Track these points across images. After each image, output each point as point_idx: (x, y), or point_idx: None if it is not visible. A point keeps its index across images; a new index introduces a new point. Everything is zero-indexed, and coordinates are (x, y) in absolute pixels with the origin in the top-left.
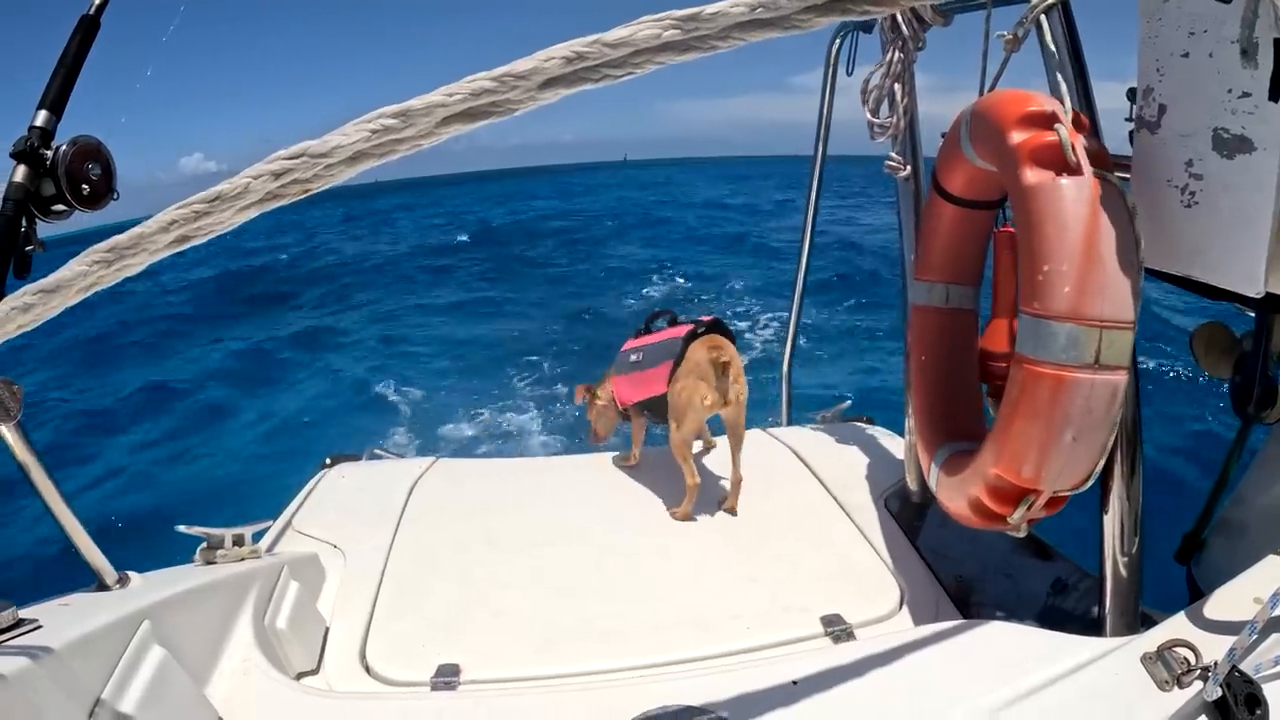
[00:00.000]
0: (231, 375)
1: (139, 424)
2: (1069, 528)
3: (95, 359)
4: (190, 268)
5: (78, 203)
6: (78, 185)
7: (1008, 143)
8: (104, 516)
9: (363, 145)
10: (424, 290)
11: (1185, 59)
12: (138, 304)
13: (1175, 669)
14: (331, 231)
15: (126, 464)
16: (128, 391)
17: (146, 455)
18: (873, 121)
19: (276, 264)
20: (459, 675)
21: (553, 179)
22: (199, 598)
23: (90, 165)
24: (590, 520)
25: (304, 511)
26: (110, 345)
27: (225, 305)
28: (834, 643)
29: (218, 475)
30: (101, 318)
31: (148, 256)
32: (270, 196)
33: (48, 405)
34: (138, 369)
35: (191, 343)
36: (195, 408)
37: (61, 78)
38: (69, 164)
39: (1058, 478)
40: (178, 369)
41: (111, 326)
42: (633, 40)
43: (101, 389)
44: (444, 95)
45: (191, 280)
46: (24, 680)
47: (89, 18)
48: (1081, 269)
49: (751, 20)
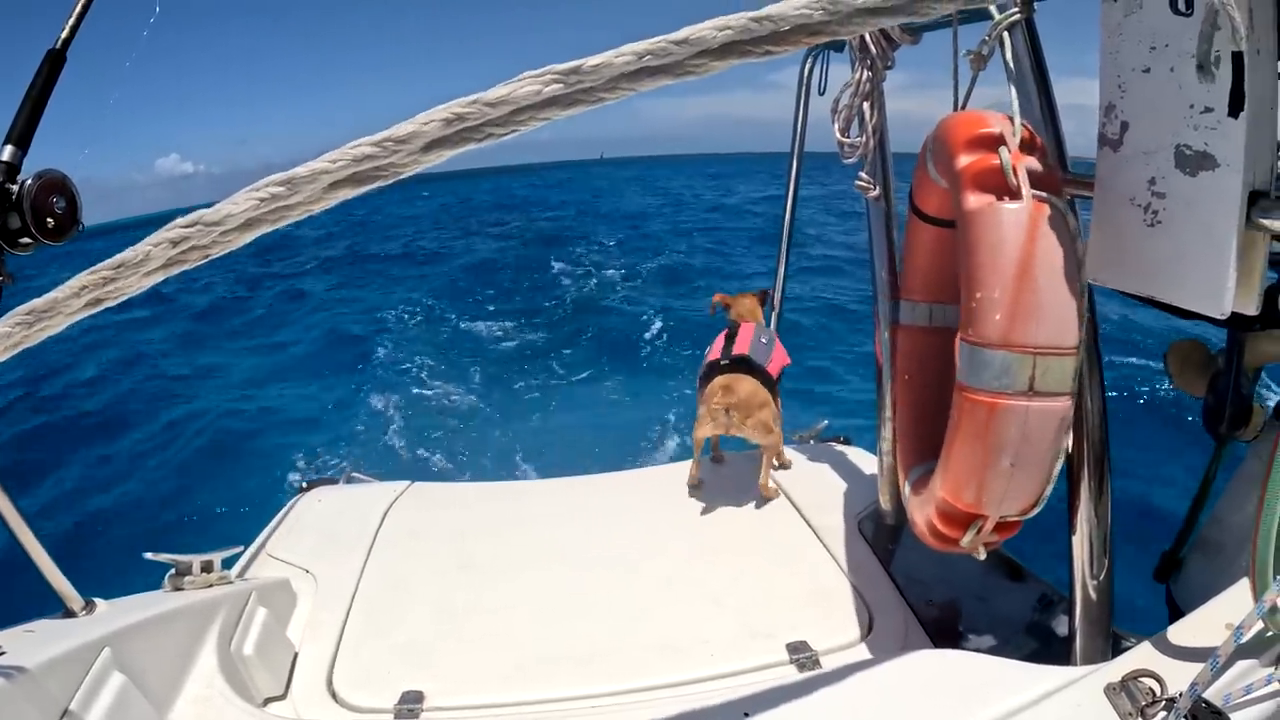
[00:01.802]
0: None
1: (109, 442)
2: (1052, 546)
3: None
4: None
5: (43, 236)
6: (43, 219)
7: (955, 165)
8: (74, 541)
9: (253, 213)
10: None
11: (1146, 74)
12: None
13: (1139, 700)
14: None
15: (102, 483)
16: (97, 408)
17: (129, 474)
18: (843, 141)
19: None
20: (423, 702)
21: (496, 179)
22: (163, 624)
23: (55, 199)
24: (563, 545)
25: (278, 536)
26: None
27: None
28: (798, 670)
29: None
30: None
31: (64, 319)
32: (171, 262)
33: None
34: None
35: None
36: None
37: (28, 111)
38: (34, 198)
39: (1000, 504)
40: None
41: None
42: (513, 98)
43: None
44: (328, 162)
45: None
46: None
47: (55, 51)
48: (1014, 295)
49: (640, 69)
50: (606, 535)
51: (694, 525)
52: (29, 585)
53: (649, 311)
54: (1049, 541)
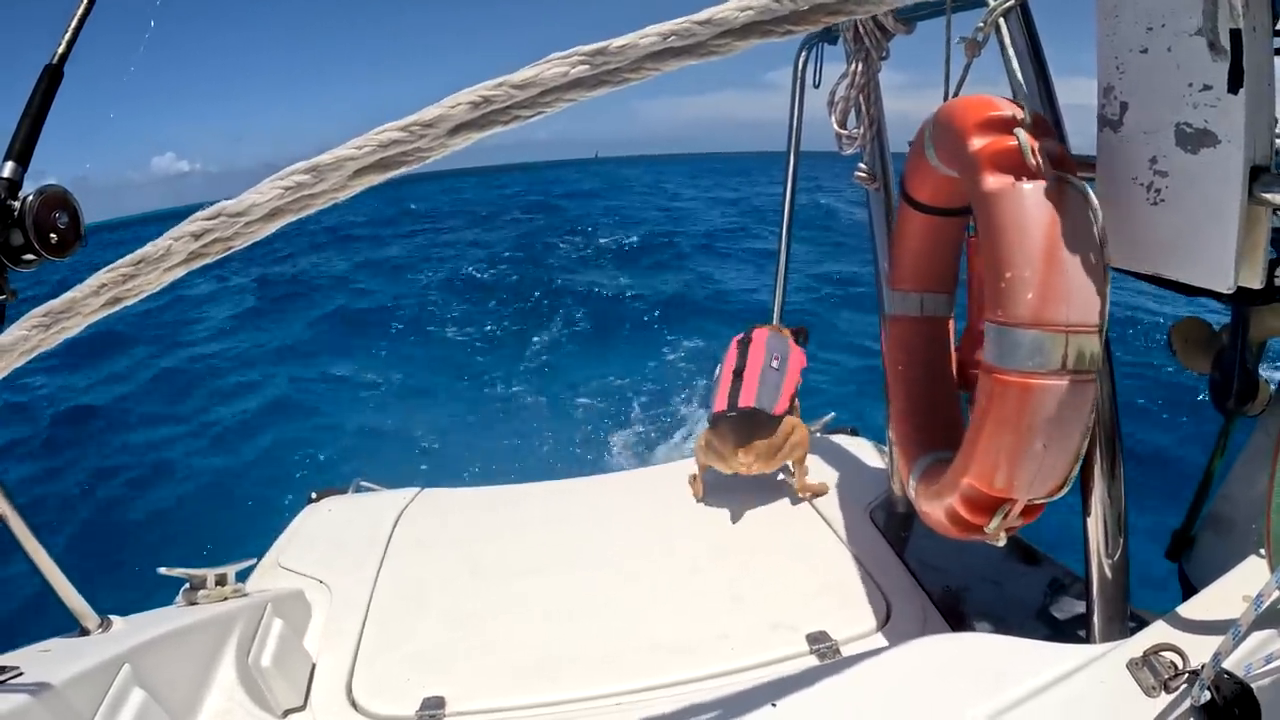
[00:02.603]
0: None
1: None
2: (1066, 528)
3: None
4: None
5: (46, 252)
6: (45, 235)
7: (968, 148)
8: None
9: (278, 202)
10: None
11: (1144, 54)
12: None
13: (1162, 674)
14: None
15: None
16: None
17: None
18: (840, 133)
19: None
20: (444, 708)
21: (483, 176)
22: (180, 639)
23: (57, 214)
24: (575, 545)
25: (289, 547)
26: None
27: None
28: (819, 660)
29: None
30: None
31: (82, 319)
32: (193, 256)
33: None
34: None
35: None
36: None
37: (27, 128)
38: (36, 214)
39: (1031, 486)
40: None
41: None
42: (540, 80)
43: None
44: (353, 149)
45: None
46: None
47: (52, 67)
48: (1044, 274)
49: (665, 49)
50: (617, 534)
51: (705, 521)
52: (31, 603)
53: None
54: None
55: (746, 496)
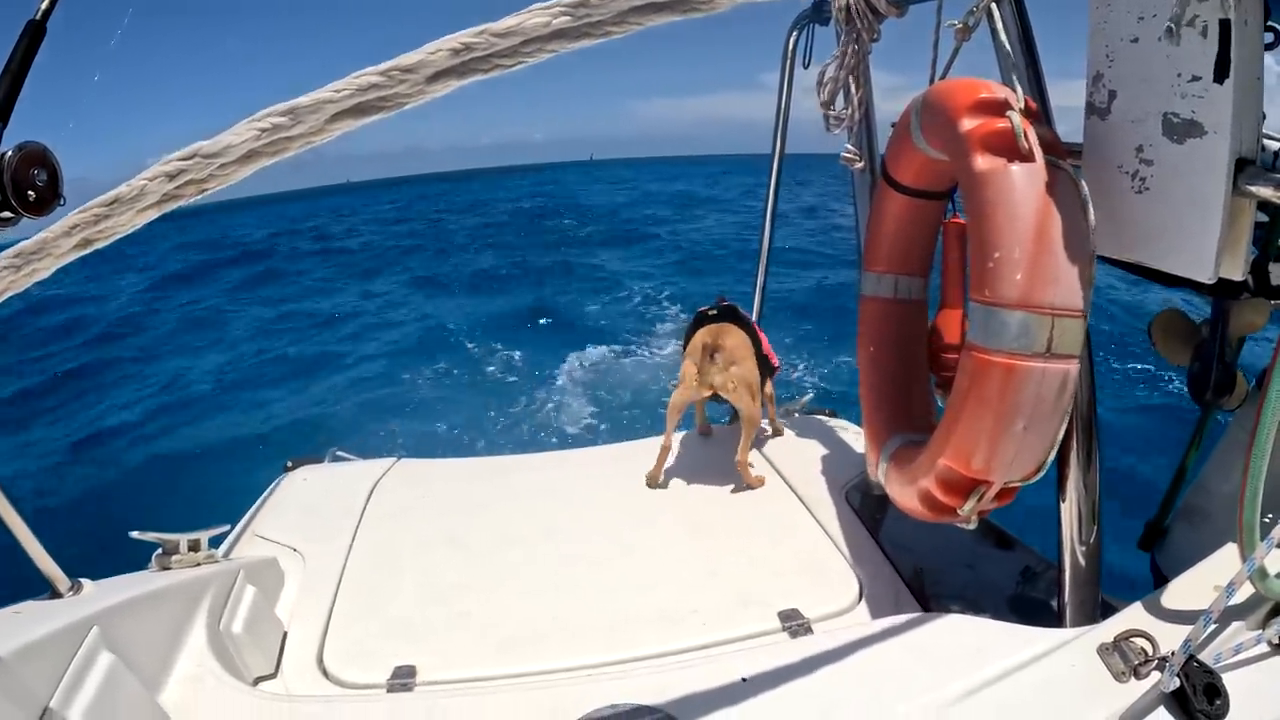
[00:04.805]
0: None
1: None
2: (1038, 514)
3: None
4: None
5: (24, 209)
6: (23, 192)
7: (959, 130)
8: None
9: (254, 144)
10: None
11: (1134, 44)
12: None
13: (1132, 660)
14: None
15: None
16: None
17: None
18: (828, 113)
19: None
20: (415, 676)
21: (470, 182)
22: (151, 603)
23: (36, 171)
24: (551, 518)
25: (264, 515)
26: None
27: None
28: (791, 637)
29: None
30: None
31: (53, 261)
32: (167, 198)
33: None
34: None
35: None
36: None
37: (7, 85)
38: (14, 171)
39: (1009, 468)
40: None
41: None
42: (521, 29)
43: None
44: (331, 91)
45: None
46: None
47: (35, 22)
48: (1033, 256)
49: (648, 4)
50: (595, 508)
51: (682, 497)
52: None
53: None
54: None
55: (724, 474)
